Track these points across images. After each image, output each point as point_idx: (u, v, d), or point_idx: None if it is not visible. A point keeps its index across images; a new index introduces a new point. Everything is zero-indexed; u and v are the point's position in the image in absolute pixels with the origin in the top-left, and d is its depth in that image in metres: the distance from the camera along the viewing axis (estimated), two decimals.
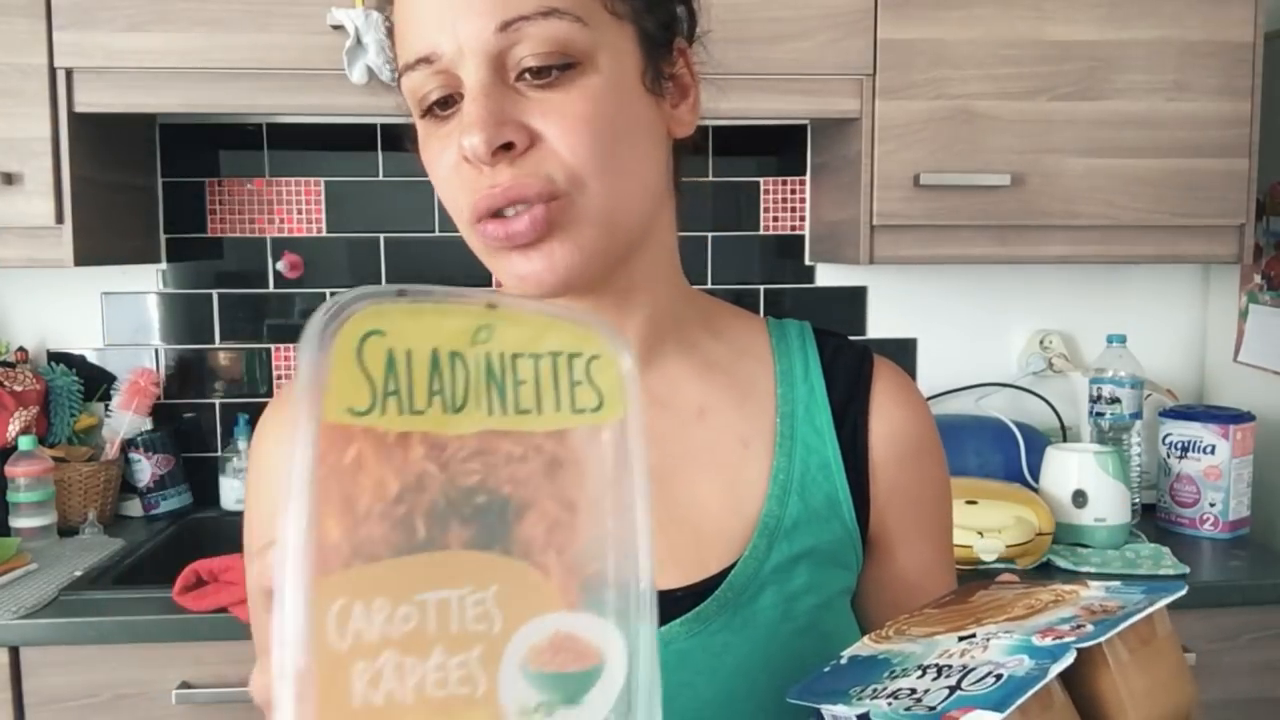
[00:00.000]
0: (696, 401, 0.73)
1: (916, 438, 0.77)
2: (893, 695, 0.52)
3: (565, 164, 0.62)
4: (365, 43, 1.66)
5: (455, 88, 0.63)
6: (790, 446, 0.73)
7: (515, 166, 0.62)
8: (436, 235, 2.10)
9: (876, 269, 2.16)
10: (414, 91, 0.64)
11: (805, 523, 0.71)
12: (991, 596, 0.61)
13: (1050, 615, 0.54)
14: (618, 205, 0.64)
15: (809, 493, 0.72)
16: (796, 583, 0.70)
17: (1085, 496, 1.78)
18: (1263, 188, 1.97)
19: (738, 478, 0.72)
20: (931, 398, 2.18)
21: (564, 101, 0.62)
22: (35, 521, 1.81)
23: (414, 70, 0.63)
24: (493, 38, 0.61)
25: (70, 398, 2.02)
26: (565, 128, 0.61)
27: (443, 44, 0.62)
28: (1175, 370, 2.25)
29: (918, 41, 1.77)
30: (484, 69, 0.61)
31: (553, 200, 0.62)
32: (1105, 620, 0.51)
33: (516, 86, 0.62)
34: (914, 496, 0.76)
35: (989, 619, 0.56)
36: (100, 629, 1.51)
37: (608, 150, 0.63)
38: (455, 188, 0.64)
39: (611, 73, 0.63)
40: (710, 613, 0.68)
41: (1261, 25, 1.81)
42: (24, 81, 1.68)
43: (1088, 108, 1.80)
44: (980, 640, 0.54)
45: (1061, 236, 1.84)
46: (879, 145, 1.79)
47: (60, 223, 1.71)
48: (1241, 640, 1.67)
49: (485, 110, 0.60)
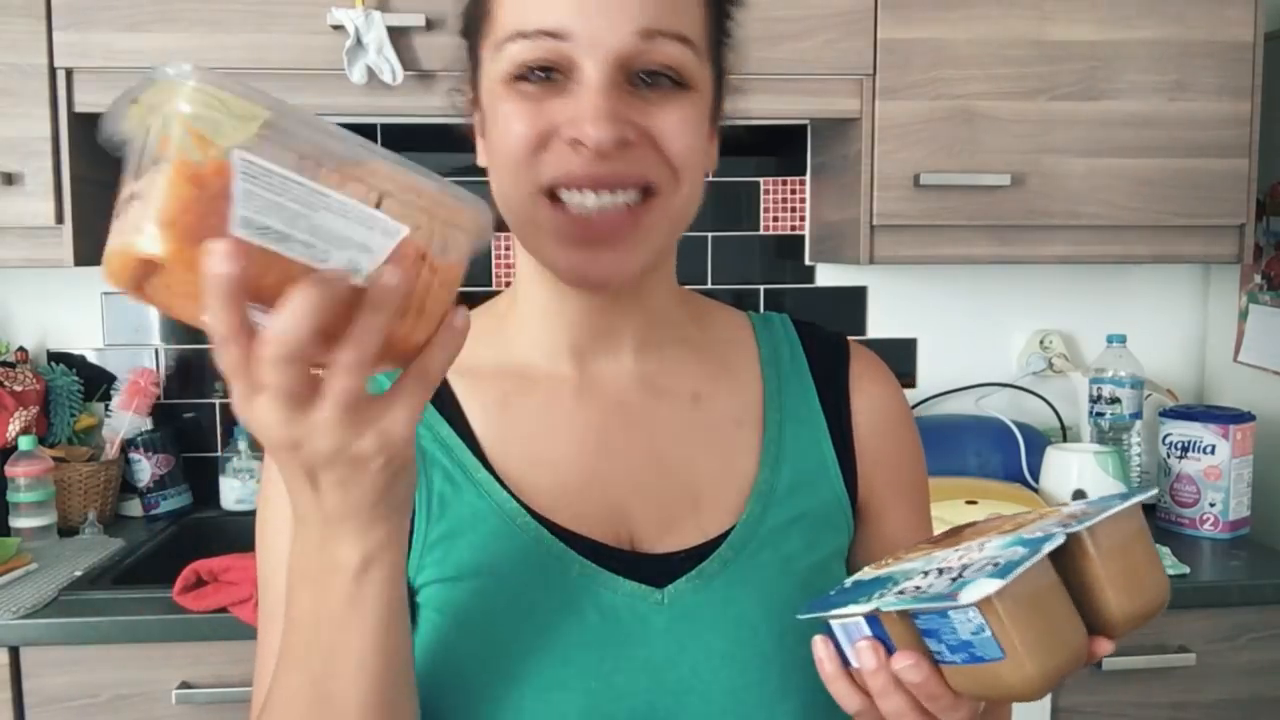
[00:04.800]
0: (690, 387, 0.79)
1: (895, 410, 0.84)
2: (900, 592, 0.59)
3: (669, 162, 0.68)
4: (365, 43, 1.66)
5: (561, 66, 0.67)
6: (779, 420, 0.79)
7: (622, 159, 0.66)
8: None
9: (876, 269, 2.16)
10: (514, 56, 0.67)
11: (797, 488, 0.77)
12: (981, 526, 0.67)
13: (1038, 524, 0.61)
14: (689, 212, 0.72)
15: (799, 461, 0.78)
16: (792, 543, 0.76)
17: (1085, 496, 1.78)
18: (1263, 188, 1.97)
19: (732, 451, 0.78)
20: (931, 398, 2.18)
21: (673, 110, 0.68)
22: (35, 521, 1.81)
23: (528, 39, 0.67)
24: (629, 39, 0.66)
25: (70, 398, 2.02)
26: (675, 131, 0.68)
27: (576, 28, 0.66)
28: (1175, 370, 2.25)
29: (918, 41, 1.77)
30: (612, 65, 0.66)
31: (647, 194, 0.68)
32: (1084, 517, 0.59)
33: (628, 88, 0.67)
34: (895, 463, 0.83)
35: (980, 536, 0.63)
36: (100, 629, 1.51)
37: (698, 161, 0.71)
38: (531, 155, 0.67)
39: (702, 101, 0.71)
40: (713, 570, 0.73)
41: (1261, 25, 1.81)
42: (24, 81, 1.68)
43: (1088, 108, 1.80)
44: (975, 547, 0.60)
45: (1062, 236, 1.84)
46: (879, 145, 1.79)
47: (60, 223, 1.71)
48: (1241, 640, 1.67)
49: (612, 106, 0.65)
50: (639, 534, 0.74)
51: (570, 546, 0.72)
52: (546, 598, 0.71)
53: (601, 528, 0.74)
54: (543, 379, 0.77)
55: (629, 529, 0.74)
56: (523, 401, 0.77)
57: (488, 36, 0.70)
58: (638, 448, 0.76)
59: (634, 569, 0.72)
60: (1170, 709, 1.66)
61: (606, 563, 0.72)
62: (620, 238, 0.68)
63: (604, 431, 0.76)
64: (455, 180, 0.52)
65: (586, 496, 0.74)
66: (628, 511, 0.75)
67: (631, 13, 0.66)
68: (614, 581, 0.72)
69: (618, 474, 0.75)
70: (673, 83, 0.68)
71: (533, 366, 0.78)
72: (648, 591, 0.72)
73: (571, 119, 0.66)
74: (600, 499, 0.75)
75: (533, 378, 0.77)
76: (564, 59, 0.67)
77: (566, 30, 0.66)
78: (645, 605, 0.71)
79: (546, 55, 0.67)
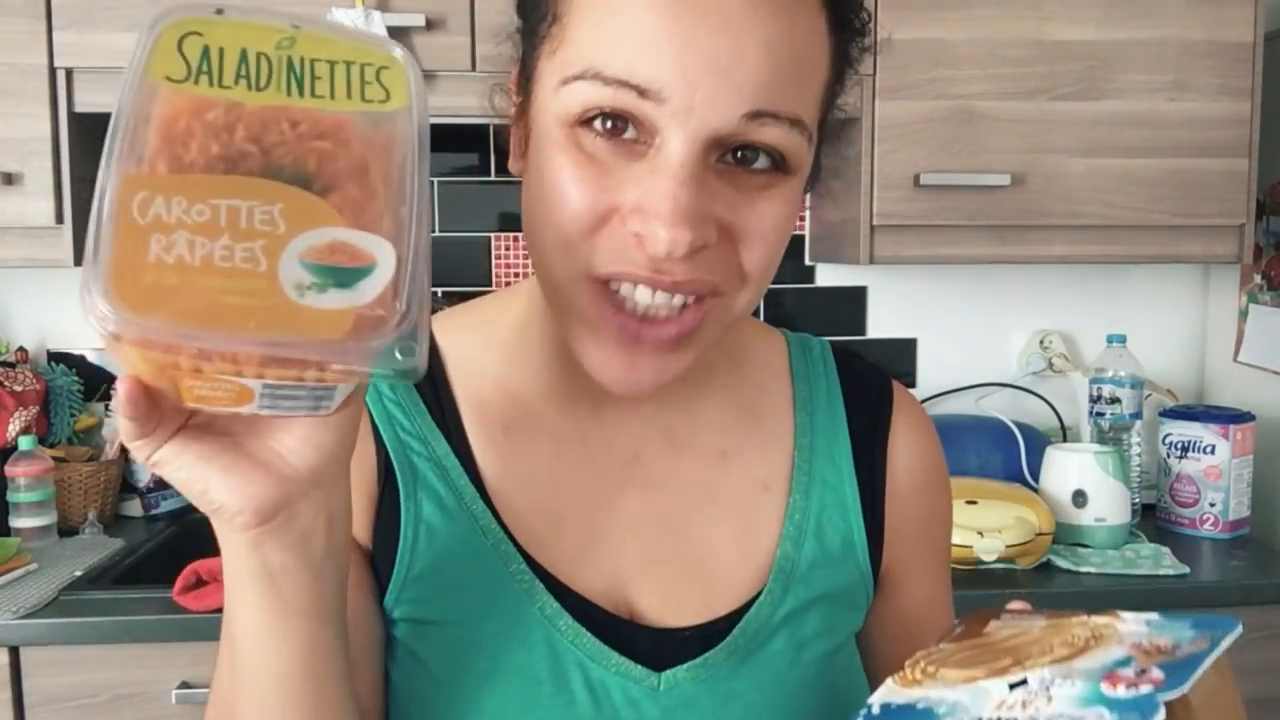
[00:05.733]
0: (718, 444, 0.70)
1: (934, 470, 0.75)
2: None
3: (744, 269, 0.57)
4: None
5: (633, 118, 0.54)
6: (807, 485, 0.70)
7: (693, 261, 0.55)
8: (436, 235, 2.10)
9: (876, 269, 2.16)
10: (585, 99, 0.54)
11: (820, 566, 0.69)
12: (1015, 630, 0.57)
13: (1099, 655, 0.52)
14: (750, 311, 0.62)
15: (825, 535, 0.70)
16: (808, 628, 0.68)
17: (1085, 496, 1.78)
18: (1263, 188, 1.97)
19: (754, 520, 0.69)
20: (931, 397, 2.18)
21: (766, 208, 0.57)
22: (35, 521, 1.81)
23: (607, 86, 0.53)
24: (734, 120, 0.53)
25: (70, 398, 2.02)
26: (760, 237, 0.57)
27: (672, 90, 0.53)
28: (1175, 370, 2.25)
29: (918, 41, 1.77)
30: (700, 145, 0.54)
31: (712, 297, 0.58)
32: (1168, 663, 0.49)
33: (717, 167, 0.55)
34: (925, 528, 0.75)
35: (1031, 661, 0.53)
36: (100, 629, 1.51)
37: (778, 260, 0.59)
38: (585, 236, 0.56)
39: (800, 184, 0.59)
40: (718, 659, 0.66)
41: (1261, 25, 1.81)
42: (24, 81, 1.68)
43: (1088, 108, 1.80)
44: (1038, 689, 0.51)
45: (1061, 236, 1.84)
46: (879, 145, 1.79)
47: (60, 223, 1.71)
48: (1242, 640, 1.66)
49: (694, 201, 0.53)
50: (640, 605, 0.66)
51: (564, 608, 0.64)
52: (532, 663, 0.63)
53: (599, 593, 0.66)
54: (549, 419, 0.68)
55: (628, 598, 0.66)
56: (528, 438, 0.67)
57: (551, 48, 0.57)
58: (653, 511, 0.68)
59: (630, 644, 0.65)
60: None
61: (602, 633, 0.64)
62: (669, 343, 0.57)
63: (615, 489, 0.68)
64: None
65: (587, 556, 0.66)
66: (630, 579, 0.67)
67: (745, 89, 0.53)
68: (606, 656, 0.64)
69: (626, 539, 0.67)
70: (773, 165, 0.56)
71: (539, 402, 0.68)
72: (644, 674, 0.64)
73: (640, 206, 0.54)
74: (603, 563, 0.66)
75: (538, 415, 0.68)
76: (647, 121, 0.54)
77: (658, 90, 0.52)
78: (639, 689, 0.64)
79: (625, 108, 0.54)
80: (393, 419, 0.67)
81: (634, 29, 0.53)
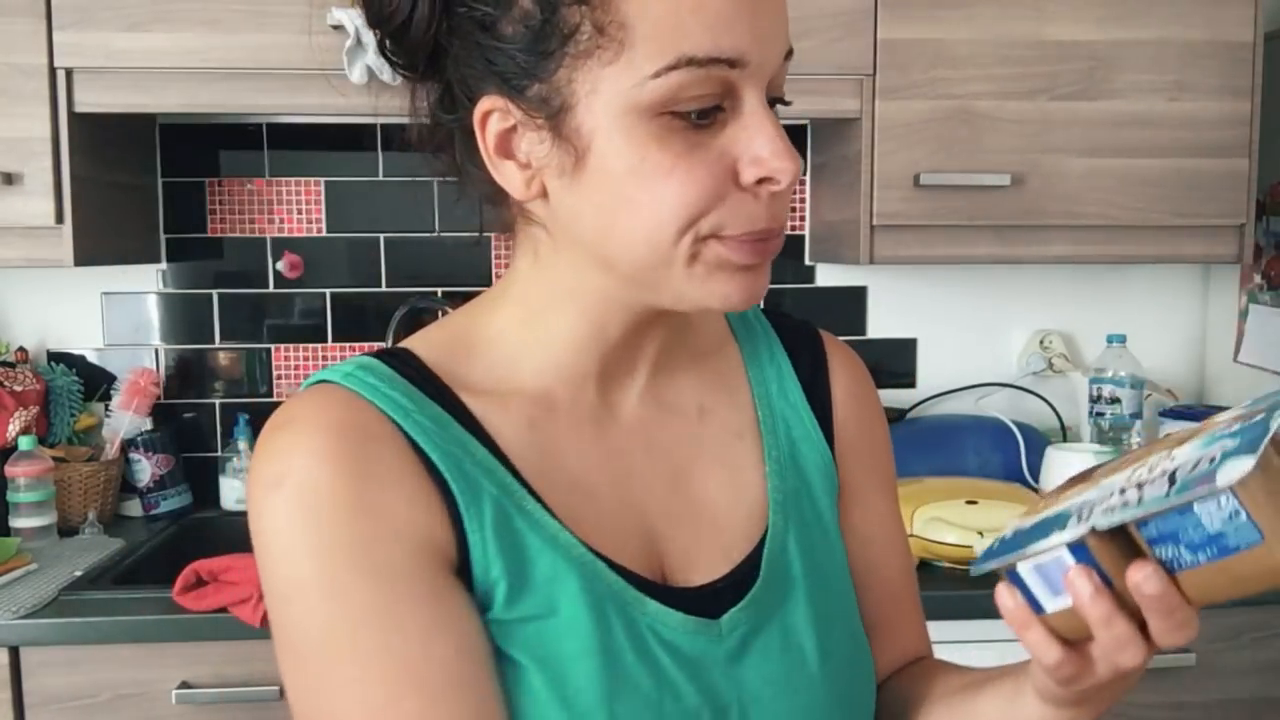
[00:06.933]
0: (696, 401, 0.77)
1: (871, 399, 0.84)
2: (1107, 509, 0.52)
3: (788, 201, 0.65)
4: (365, 43, 1.66)
5: (722, 100, 0.59)
6: (774, 425, 0.78)
7: (777, 200, 0.62)
8: (436, 235, 2.10)
9: (876, 269, 2.16)
10: (684, 89, 0.58)
11: (802, 493, 0.77)
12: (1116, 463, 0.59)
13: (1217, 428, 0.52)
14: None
15: (802, 466, 0.77)
16: (818, 551, 0.75)
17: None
18: (1263, 188, 1.97)
19: (738, 466, 0.76)
20: (931, 398, 2.18)
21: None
22: (35, 521, 1.81)
23: (701, 68, 0.58)
24: (779, 62, 0.61)
25: (70, 398, 2.02)
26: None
27: (751, 52, 0.59)
28: (1175, 370, 2.25)
29: (918, 41, 1.77)
30: (764, 90, 0.61)
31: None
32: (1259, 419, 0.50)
33: None
34: (871, 451, 0.82)
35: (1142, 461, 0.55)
36: (100, 629, 1.51)
37: None
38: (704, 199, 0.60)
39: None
40: (762, 595, 0.71)
41: (1261, 25, 1.81)
42: (24, 81, 1.68)
43: (1088, 108, 1.80)
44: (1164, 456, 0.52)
45: (1061, 236, 1.84)
46: (879, 145, 1.79)
47: (60, 223, 1.71)
48: (1242, 640, 1.67)
49: (785, 137, 0.61)
50: (669, 564, 0.71)
51: (625, 580, 0.68)
52: (613, 639, 0.66)
53: (639, 559, 0.70)
54: (563, 404, 0.71)
55: (661, 558, 0.71)
56: (549, 427, 0.70)
57: (607, 57, 0.59)
58: (659, 469, 0.73)
59: (681, 602, 0.69)
60: (1170, 709, 1.66)
61: (660, 596, 0.69)
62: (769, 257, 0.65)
63: (628, 456, 0.73)
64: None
65: (624, 526, 0.70)
66: (659, 540, 0.71)
67: (783, 31, 0.61)
68: (669, 616, 0.68)
69: (647, 500, 0.72)
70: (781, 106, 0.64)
71: (550, 391, 0.71)
72: (705, 625, 0.69)
73: (756, 158, 0.60)
74: (636, 528, 0.71)
75: (552, 402, 0.71)
76: (733, 87, 0.59)
77: (741, 56, 0.58)
78: (706, 640, 0.69)
79: (714, 91, 0.59)
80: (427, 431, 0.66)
81: (707, 9, 0.58)
